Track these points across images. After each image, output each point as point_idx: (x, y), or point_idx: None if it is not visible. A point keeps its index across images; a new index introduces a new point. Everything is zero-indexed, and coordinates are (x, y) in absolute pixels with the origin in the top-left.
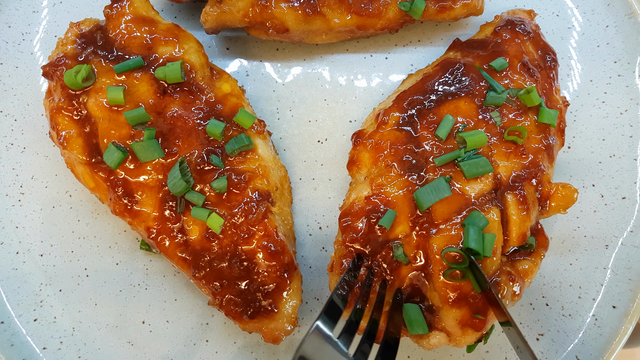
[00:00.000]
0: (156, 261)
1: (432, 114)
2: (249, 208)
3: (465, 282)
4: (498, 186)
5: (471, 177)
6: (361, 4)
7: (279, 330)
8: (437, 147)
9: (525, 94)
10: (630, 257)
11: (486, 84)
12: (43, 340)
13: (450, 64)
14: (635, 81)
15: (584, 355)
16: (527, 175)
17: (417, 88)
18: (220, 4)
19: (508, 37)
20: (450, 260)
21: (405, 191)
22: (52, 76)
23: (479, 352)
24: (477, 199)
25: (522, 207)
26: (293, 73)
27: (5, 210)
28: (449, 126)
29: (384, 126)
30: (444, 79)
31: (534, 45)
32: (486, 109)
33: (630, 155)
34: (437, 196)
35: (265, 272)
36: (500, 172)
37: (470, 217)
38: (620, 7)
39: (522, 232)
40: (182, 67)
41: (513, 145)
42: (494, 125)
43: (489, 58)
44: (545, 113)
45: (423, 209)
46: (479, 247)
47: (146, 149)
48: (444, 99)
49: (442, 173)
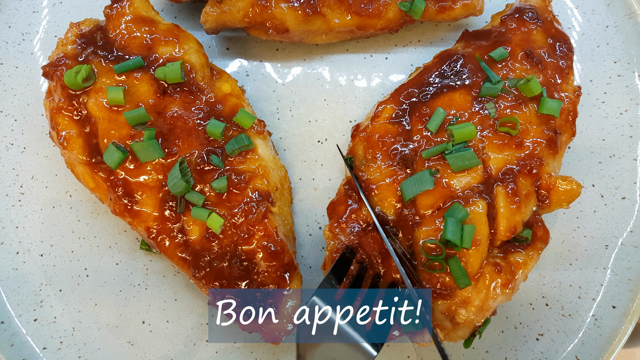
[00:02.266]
0: (156, 261)
1: (425, 107)
2: (249, 208)
3: (447, 273)
4: (488, 179)
5: (457, 170)
6: (361, 4)
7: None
8: (428, 141)
9: (525, 83)
10: (630, 257)
11: (483, 75)
12: (43, 340)
13: (449, 56)
14: (635, 81)
15: (583, 355)
16: (521, 168)
17: (414, 81)
18: (220, 4)
19: (514, 25)
20: (428, 251)
21: (391, 181)
22: (52, 76)
23: (478, 352)
24: (463, 192)
25: (511, 200)
26: (293, 73)
27: (5, 210)
28: (439, 119)
29: (377, 119)
30: (441, 71)
31: (544, 34)
32: (481, 101)
33: (630, 155)
34: (419, 188)
35: (265, 272)
36: (492, 164)
37: (451, 209)
38: (620, 7)
39: (511, 225)
40: (182, 67)
41: (507, 137)
42: (488, 116)
43: (490, 48)
44: (546, 103)
45: (406, 199)
46: (457, 239)
47: (146, 149)
48: (439, 91)
49: (430, 166)
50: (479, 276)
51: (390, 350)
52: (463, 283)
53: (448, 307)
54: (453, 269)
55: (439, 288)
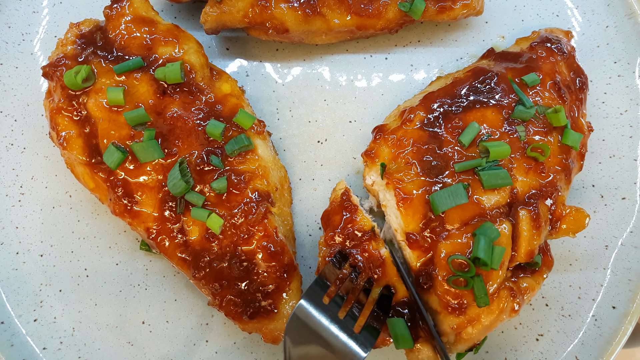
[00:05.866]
0: (156, 261)
1: (457, 119)
2: (248, 208)
3: (468, 291)
4: (513, 201)
5: (489, 187)
6: (361, 4)
7: (279, 331)
8: (459, 153)
9: (553, 112)
10: (630, 257)
11: (515, 97)
12: (43, 340)
13: (483, 72)
14: (635, 81)
15: (583, 355)
16: (543, 194)
17: (446, 91)
18: (220, 4)
19: (544, 54)
20: (457, 267)
21: (421, 191)
22: (52, 77)
23: (478, 352)
24: (491, 210)
25: (534, 225)
26: (293, 73)
27: (5, 211)
28: (473, 133)
29: (409, 123)
30: (474, 85)
31: (567, 67)
32: (512, 122)
33: (630, 155)
34: (454, 201)
35: (265, 273)
36: (518, 187)
37: (482, 228)
38: (620, 8)
39: (531, 250)
40: (182, 67)
41: (533, 162)
42: (518, 139)
43: (522, 72)
44: (570, 135)
45: (437, 212)
46: (487, 258)
47: (146, 150)
48: (471, 105)
49: (461, 179)
50: (494, 298)
51: (390, 351)
52: (483, 302)
53: (459, 323)
54: (477, 288)
55: (455, 304)
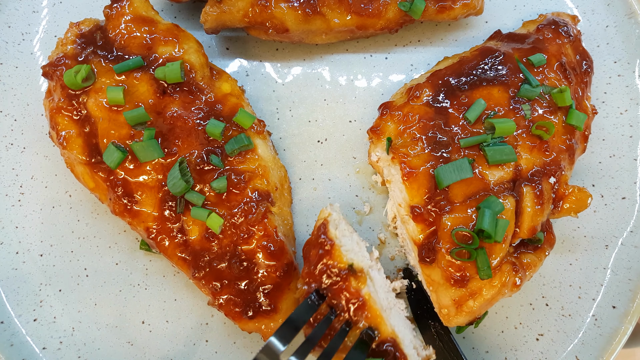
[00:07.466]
0: (156, 261)
1: (464, 96)
2: (248, 208)
3: (471, 264)
4: (517, 177)
5: (494, 163)
6: (361, 4)
7: None
8: (464, 129)
9: (559, 92)
10: (630, 257)
11: (521, 77)
12: (43, 340)
13: (490, 51)
14: (635, 81)
15: (583, 355)
16: (547, 172)
17: (453, 69)
18: (220, 4)
19: (550, 36)
20: (460, 239)
21: (427, 166)
22: (52, 76)
23: (478, 353)
24: (495, 186)
25: (537, 201)
26: (293, 73)
27: (5, 210)
28: (479, 110)
29: (415, 100)
30: (482, 64)
31: (573, 50)
32: (518, 101)
33: (630, 155)
34: (458, 176)
35: (264, 272)
36: (522, 164)
37: (487, 201)
38: (620, 7)
39: (533, 226)
40: (182, 67)
41: (538, 140)
42: (523, 117)
43: (529, 52)
44: (575, 115)
45: (442, 186)
46: (492, 230)
47: (146, 149)
48: (478, 83)
49: (466, 155)
50: (496, 272)
51: None
52: (485, 275)
53: (461, 296)
54: (480, 260)
55: (458, 276)
